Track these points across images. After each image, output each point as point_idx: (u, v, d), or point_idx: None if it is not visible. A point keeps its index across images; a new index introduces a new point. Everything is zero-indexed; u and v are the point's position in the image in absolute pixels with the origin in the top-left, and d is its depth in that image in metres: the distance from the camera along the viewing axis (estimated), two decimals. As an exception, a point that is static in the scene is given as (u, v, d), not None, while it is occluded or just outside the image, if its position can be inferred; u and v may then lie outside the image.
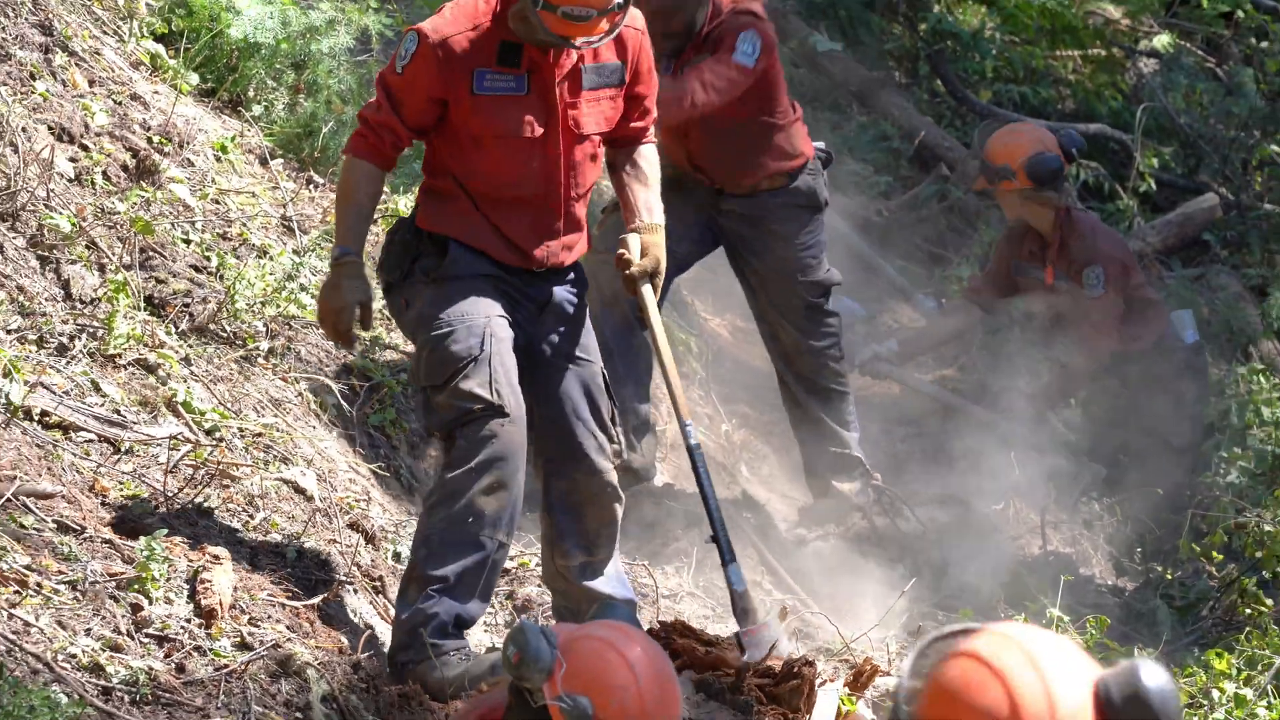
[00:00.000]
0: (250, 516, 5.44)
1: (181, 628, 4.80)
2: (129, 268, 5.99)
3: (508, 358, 5.23)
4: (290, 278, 6.42)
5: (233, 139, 6.99)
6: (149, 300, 6.01)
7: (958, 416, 8.56)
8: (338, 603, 5.33)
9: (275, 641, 4.92)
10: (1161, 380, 8.18)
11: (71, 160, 6.20)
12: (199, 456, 5.48)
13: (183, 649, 4.74)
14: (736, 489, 7.72)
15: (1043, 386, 8.38)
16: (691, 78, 6.75)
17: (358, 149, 5.26)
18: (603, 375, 5.48)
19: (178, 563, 5.00)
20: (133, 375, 5.68)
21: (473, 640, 5.29)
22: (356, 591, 5.48)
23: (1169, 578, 7.32)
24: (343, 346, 5.29)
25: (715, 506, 5.68)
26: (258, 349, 6.18)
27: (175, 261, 6.18)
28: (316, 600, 5.25)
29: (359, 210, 5.28)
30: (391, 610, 5.53)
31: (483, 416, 5.16)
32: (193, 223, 6.39)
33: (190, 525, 5.24)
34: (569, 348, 5.44)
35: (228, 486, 5.48)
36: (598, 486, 5.44)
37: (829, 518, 7.40)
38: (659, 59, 6.11)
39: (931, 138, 10.55)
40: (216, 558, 5.09)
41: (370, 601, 5.52)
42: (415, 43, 5.18)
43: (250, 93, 7.28)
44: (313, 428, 6.11)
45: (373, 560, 5.70)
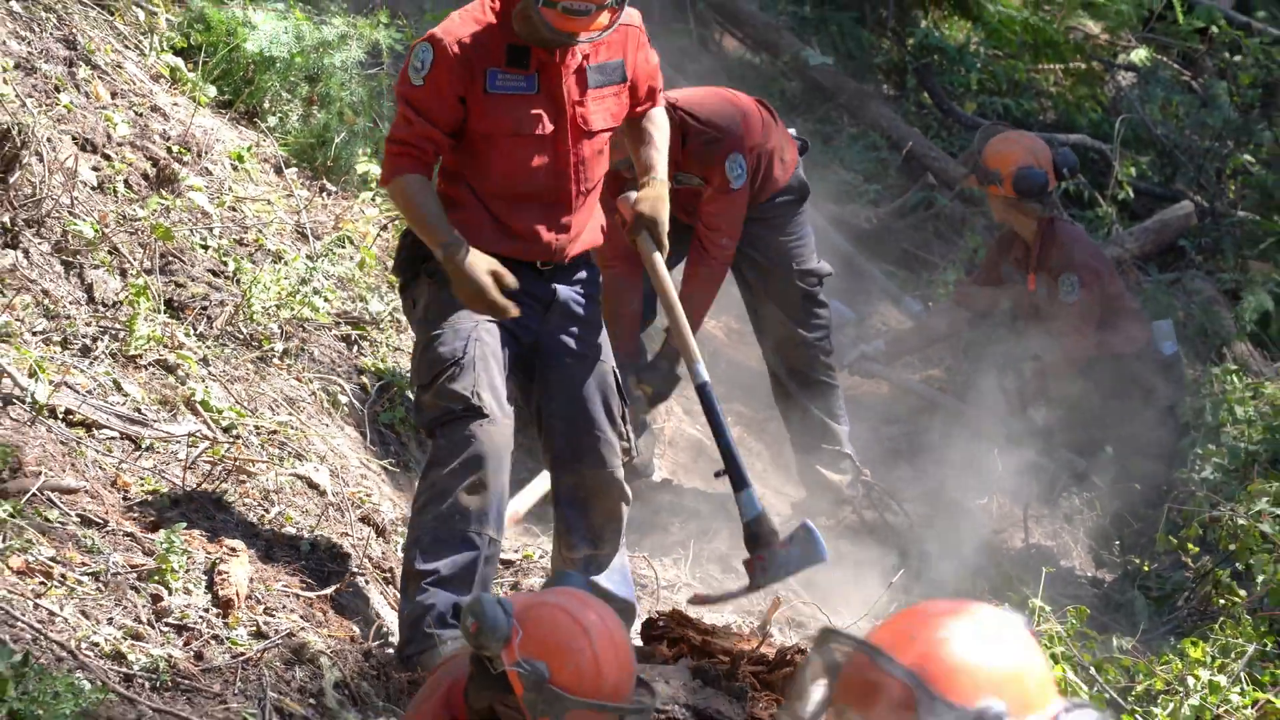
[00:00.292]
0: (266, 510, 5.44)
1: (200, 617, 4.80)
2: (149, 272, 5.99)
3: (493, 361, 5.21)
4: (304, 282, 6.42)
5: (249, 149, 6.99)
6: (169, 303, 6.01)
7: (943, 414, 8.56)
8: (349, 593, 5.33)
9: (290, 630, 4.92)
10: (1137, 387, 8.18)
11: (94, 169, 6.20)
12: (216, 453, 5.48)
13: (201, 637, 4.74)
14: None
15: (1024, 385, 8.38)
16: (700, 244, 6.90)
17: (402, 167, 5.17)
18: (614, 374, 5.46)
19: (196, 555, 5.00)
20: (153, 375, 5.68)
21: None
22: (367, 582, 5.48)
23: (1146, 569, 7.32)
24: (504, 316, 5.17)
25: (728, 439, 5.61)
26: (273, 350, 6.18)
27: (194, 266, 6.18)
28: (329, 591, 5.25)
29: (434, 209, 5.18)
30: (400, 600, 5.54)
31: (464, 417, 5.15)
32: (210, 229, 6.39)
33: (208, 519, 5.24)
34: (577, 346, 5.41)
35: (244, 482, 5.48)
36: (604, 482, 5.43)
37: (820, 511, 7.40)
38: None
39: (919, 148, 10.55)
40: (233, 550, 5.09)
41: (381, 592, 5.52)
42: (431, 51, 5.16)
43: (265, 104, 7.28)
44: (325, 425, 6.11)
45: (383, 553, 5.70)
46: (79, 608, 4.62)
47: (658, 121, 5.55)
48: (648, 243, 5.52)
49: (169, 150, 6.55)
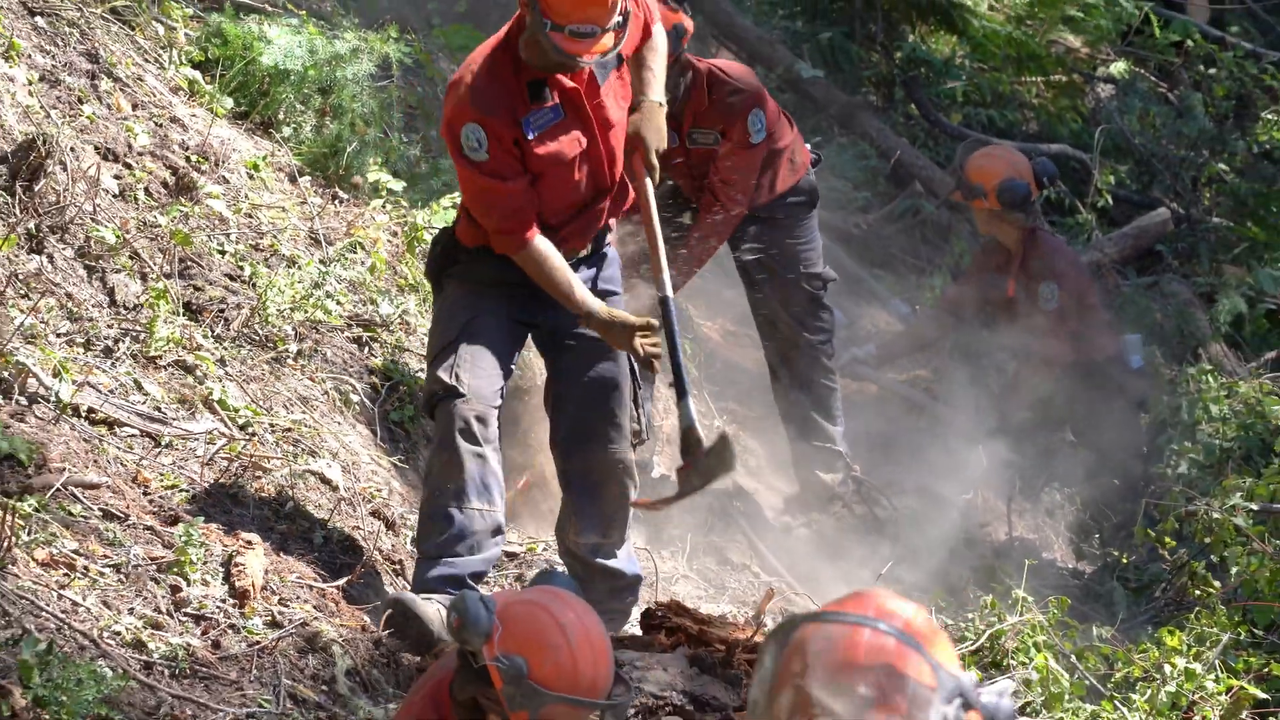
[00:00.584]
0: (280, 505, 5.44)
1: (217, 607, 4.80)
2: (169, 276, 5.99)
3: (482, 346, 5.28)
4: (317, 285, 6.42)
5: (264, 158, 6.99)
6: (187, 306, 6.01)
7: (929, 414, 8.56)
8: (361, 584, 5.33)
9: (303, 620, 4.92)
10: (1105, 391, 8.18)
11: (116, 178, 6.20)
12: (233, 450, 5.48)
13: (218, 627, 4.74)
14: (727, 480, 7.71)
15: (1006, 386, 8.37)
16: (713, 195, 6.85)
17: (520, 238, 5.23)
18: (628, 359, 5.47)
19: (213, 547, 5.00)
20: (172, 375, 5.68)
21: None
22: (378, 574, 5.48)
23: (1124, 561, 7.32)
24: (653, 369, 5.35)
25: (678, 353, 5.53)
26: (287, 351, 6.17)
27: (211, 271, 6.18)
28: (341, 582, 5.25)
29: (568, 276, 5.27)
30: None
31: (445, 398, 5.27)
32: (227, 235, 6.39)
33: (225, 513, 5.24)
34: (591, 335, 5.41)
35: (260, 477, 5.48)
36: (611, 466, 5.46)
37: (812, 506, 7.40)
38: None
39: (906, 157, 10.55)
40: (249, 543, 5.09)
41: (390, 583, 5.52)
42: (480, 130, 5.15)
43: (280, 115, 7.28)
44: (338, 423, 6.11)
45: (393, 545, 5.70)
46: (101, 598, 4.62)
47: (653, 45, 5.51)
48: (638, 161, 5.49)
49: (188, 159, 6.55)
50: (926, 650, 2.49)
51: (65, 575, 4.61)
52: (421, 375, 6.55)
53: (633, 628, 5.62)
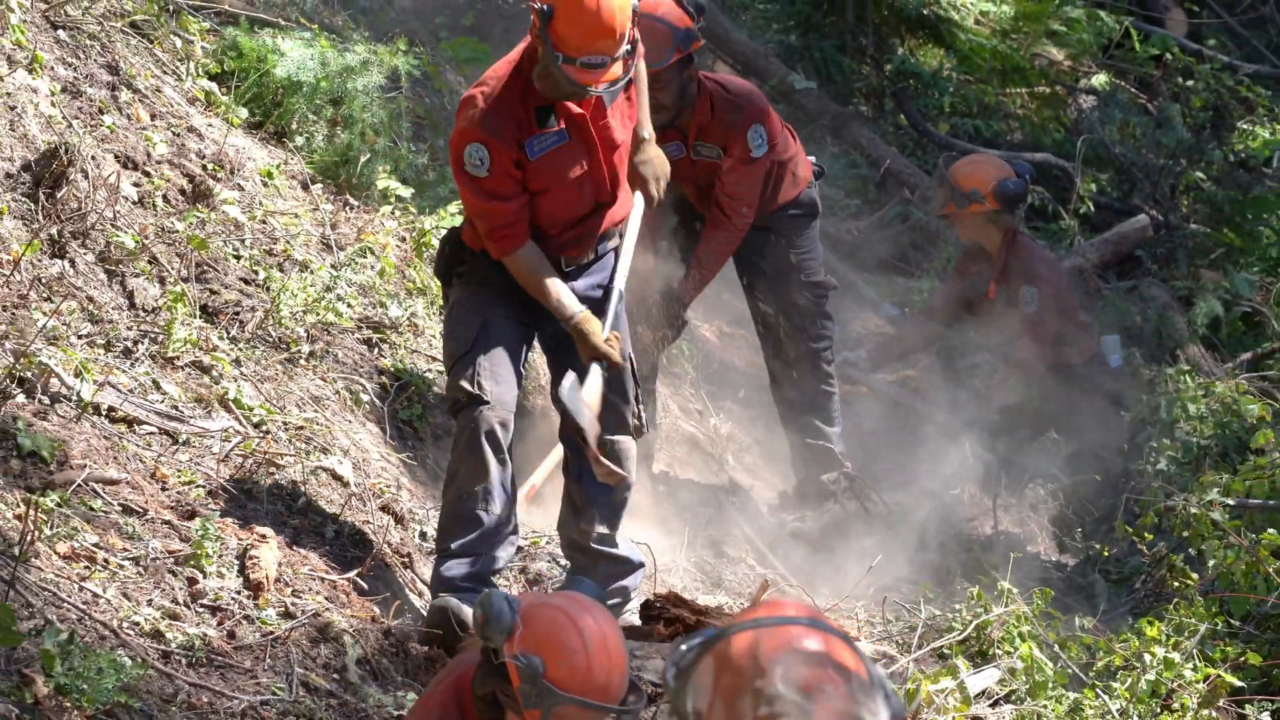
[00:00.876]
0: (293, 500, 5.44)
1: (232, 599, 4.80)
2: (186, 280, 5.99)
3: (498, 352, 5.28)
4: (329, 289, 6.42)
5: (278, 166, 6.99)
6: (204, 309, 6.00)
7: (917, 413, 8.55)
8: (371, 576, 5.33)
9: (315, 611, 4.92)
10: (1085, 391, 8.17)
11: (135, 185, 6.20)
12: (248, 447, 5.48)
13: (233, 617, 4.74)
14: (724, 476, 7.71)
15: (990, 386, 8.36)
16: (720, 210, 6.83)
17: (508, 246, 5.26)
18: (629, 359, 5.46)
19: (229, 541, 4.99)
20: (189, 375, 5.67)
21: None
22: (387, 566, 5.48)
23: (1106, 554, 7.31)
24: (619, 369, 5.38)
25: (618, 279, 5.49)
26: (300, 352, 6.17)
27: (227, 275, 6.18)
28: (352, 574, 5.24)
29: (554, 282, 5.29)
30: (418, 583, 5.54)
31: (469, 405, 5.26)
32: (242, 240, 6.38)
33: (240, 508, 5.24)
34: None
35: (273, 474, 5.48)
36: (617, 458, 5.46)
37: (807, 502, 7.39)
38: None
39: (896, 165, 10.55)
40: (263, 536, 5.09)
41: (399, 575, 5.52)
42: (484, 150, 5.17)
43: (293, 125, 7.27)
44: (348, 422, 6.11)
45: (402, 539, 5.69)
46: (121, 590, 4.62)
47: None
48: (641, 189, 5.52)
49: (204, 168, 6.55)
50: (858, 647, 2.52)
51: (86, 568, 4.61)
52: (429, 375, 6.56)
53: (632, 617, 5.62)
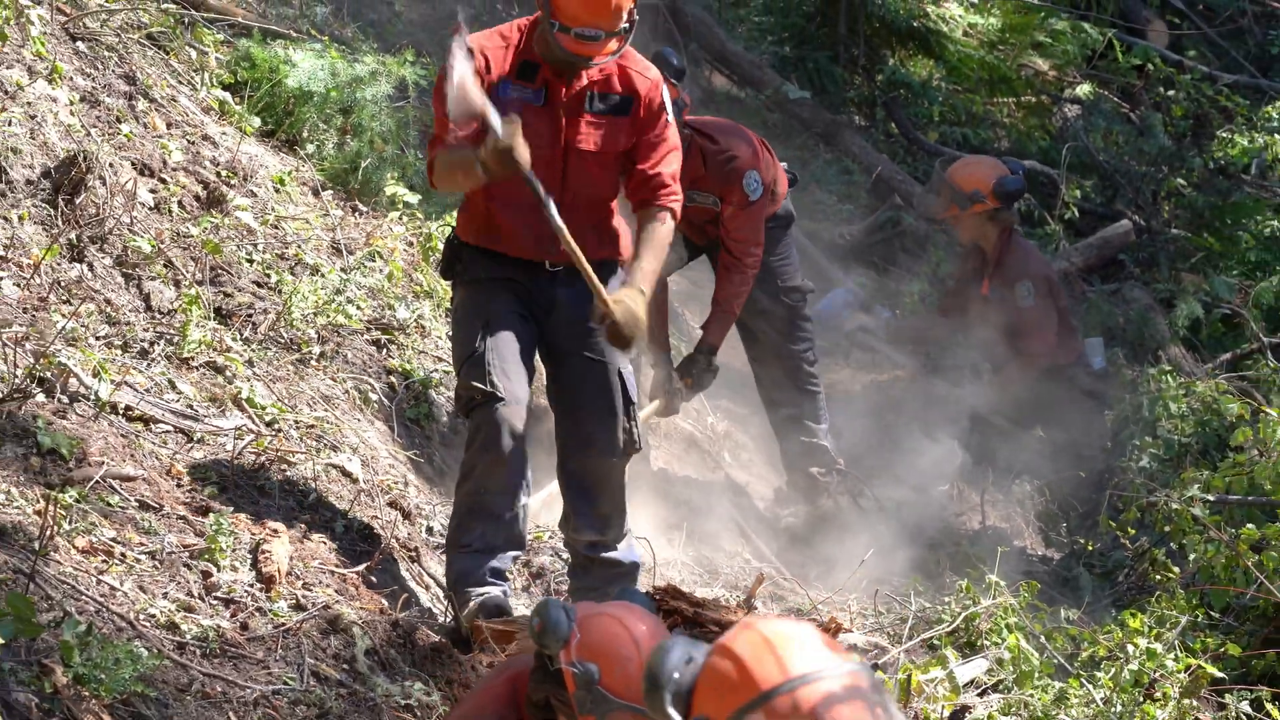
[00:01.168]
0: (304, 496, 5.43)
1: (245, 592, 4.79)
2: (200, 283, 5.98)
3: (505, 348, 5.20)
4: (338, 292, 6.42)
5: (289, 173, 6.99)
6: (218, 311, 6.00)
7: (908, 411, 8.53)
8: (379, 570, 5.32)
9: (326, 603, 4.91)
10: (1069, 395, 8.17)
11: (152, 191, 6.20)
12: (260, 445, 5.47)
13: (246, 610, 4.73)
14: (720, 473, 7.71)
15: (982, 384, 8.36)
16: (731, 255, 6.83)
17: (432, 152, 5.11)
18: (619, 374, 5.35)
19: (242, 536, 4.99)
20: (203, 375, 5.67)
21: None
22: (396, 560, 5.48)
23: (1090, 549, 7.31)
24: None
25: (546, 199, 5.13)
26: (310, 353, 6.17)
27: (240, 278, 6.17)
28: (361, 568, 5.24)
29: (454, 159, 5.03)
30: (425, 576, 5.54)
31: (483, 403, 5.17)
32: (255, 245, 6.38)
33: (253, 503, 5.23)
34: (583, 349, 5.33)
35: (285, 470, 5.48)
36: (606, 471, 5.39)
37: (800, 498, 7.39)
38: None
39: (887, 172, 10.56)
40: (275, 531, 5.08)
41: (407, 569, 5.51)
42: (469, 45, 4.98)
43: (304, 134, 7.27)
44: (357, 420, 6.10)
45: (409, 534, 5.69)
46: (137, 583, 4.61)
47: (653, 236, 5.20)
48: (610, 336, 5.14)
49: (218, 174, 6.55)
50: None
51: (104, 562, 4.61)
52: (435, 375, 6.55)
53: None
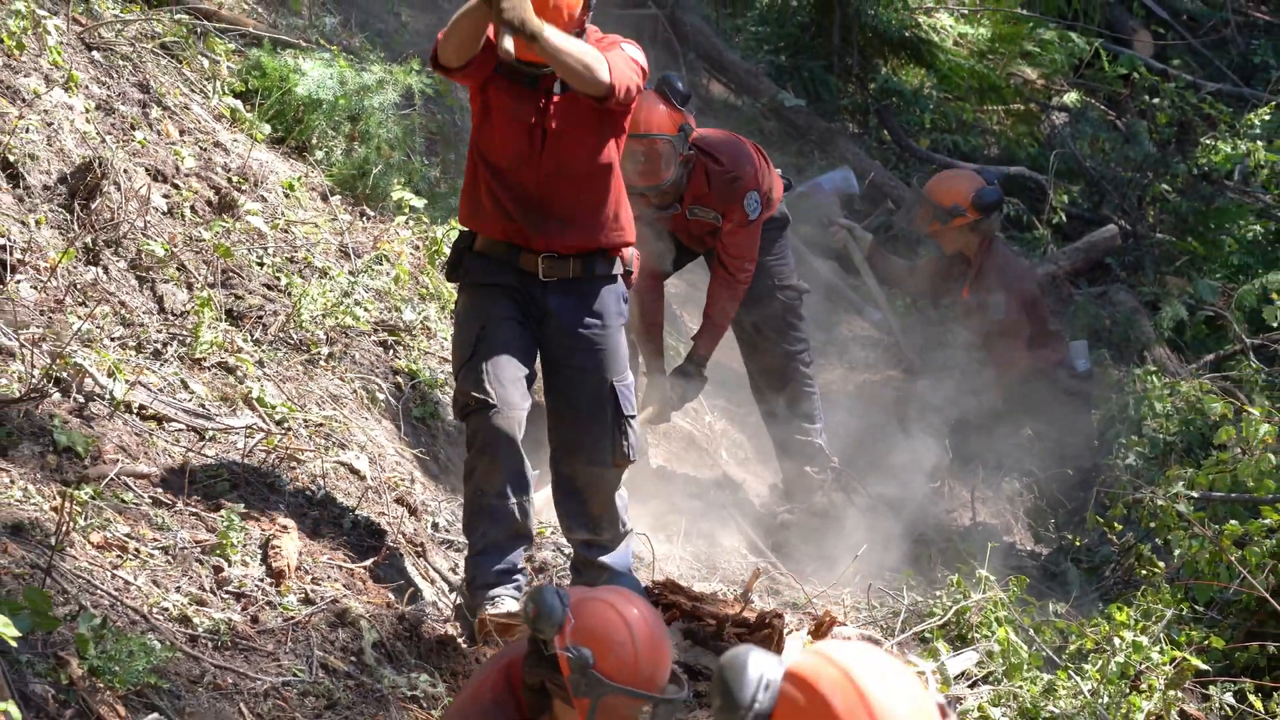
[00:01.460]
0: (313, 493, 5.43)
1: (255, 586, 4.79)
2: (212, 286, 5.98)
3: (500, 354, 5.18)
4: (347, 294, 6.41)
5: (299, 179, 6.98)
6: (229, 313, 6.00)
7: (899, 410, 8.52)
8: (386, 565, 5.32)
9: (334, 597, 4.91)
10: (1056, 396, 8.16)
11: (165, 197, 6.19)
12: (270, 443, 5.47)
13: (256, 604, 4.73)
14: (718, 470, 7.70)
15: (969, 385, 8.35)
16: (725, 269, 6.86)
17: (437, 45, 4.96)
18: (612, 386, 5.31)
19: (252, 531, 4.99)
20: (215, 375, 5.66)
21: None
22: (402, 555, 5.47)
23: (1078, 544, 7.31)
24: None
25: None
26: (319, 354, 6.16)
27: (251, 281, 6.17)
28: (368, 563, 5.23)
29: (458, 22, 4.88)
30: (430, 570, 5.53)
31: (478, 409, 5.16)
32: (265, 249, 6.38)
33: (263, 500, 5.23)
34: (574, 359, 5.29)
35: (294, 468, 5.47)
36: (596, 479, 5.35)
37: (795, 494, 7.38)
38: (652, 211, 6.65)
39: (880, 178, 10.55)
40: (285, 527, 5.08)
41: (413, 564, 5.51)
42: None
43: (313, 140, 7.27)
44: (365, 419, 6.10)
45: (415, 530, 5.68)
46: (151, 578, 4.61)
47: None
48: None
49: (229, 180, 6.54)
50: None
51: (118, 557, 4.60)
52: (441, 376, 6.55)
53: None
